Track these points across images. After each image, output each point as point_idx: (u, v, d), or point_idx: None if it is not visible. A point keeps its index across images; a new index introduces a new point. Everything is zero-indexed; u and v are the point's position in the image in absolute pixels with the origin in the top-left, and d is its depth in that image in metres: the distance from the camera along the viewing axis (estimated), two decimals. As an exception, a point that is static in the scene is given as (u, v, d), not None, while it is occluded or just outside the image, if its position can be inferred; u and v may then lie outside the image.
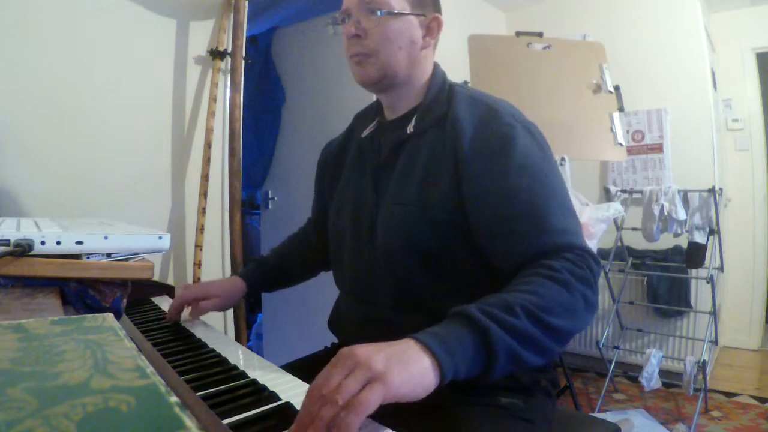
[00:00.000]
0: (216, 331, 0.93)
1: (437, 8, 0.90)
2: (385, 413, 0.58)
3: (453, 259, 0.80)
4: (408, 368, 0.50)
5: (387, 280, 0.85)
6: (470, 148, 0.78)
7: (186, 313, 0.98)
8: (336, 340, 1.02)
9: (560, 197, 0.76)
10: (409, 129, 0.87)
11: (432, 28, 0.88)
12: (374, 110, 0.99)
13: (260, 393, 0.60)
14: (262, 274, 1.09)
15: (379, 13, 0.83)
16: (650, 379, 2.24)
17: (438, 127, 0.84)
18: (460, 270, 0.80)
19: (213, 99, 1.73)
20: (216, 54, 1.75)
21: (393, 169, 0.87)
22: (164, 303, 1.12)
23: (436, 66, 0.92)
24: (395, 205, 0.84)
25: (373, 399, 0.46)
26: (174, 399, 0.31)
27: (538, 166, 0.76)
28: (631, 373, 2.77)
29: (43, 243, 0.64)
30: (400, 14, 0.84)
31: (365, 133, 0.96)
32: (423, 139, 0.85)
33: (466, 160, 0.78)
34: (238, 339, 1.78)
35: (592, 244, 1.89)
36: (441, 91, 0.88)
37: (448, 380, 0.54)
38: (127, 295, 0.73)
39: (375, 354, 0.50)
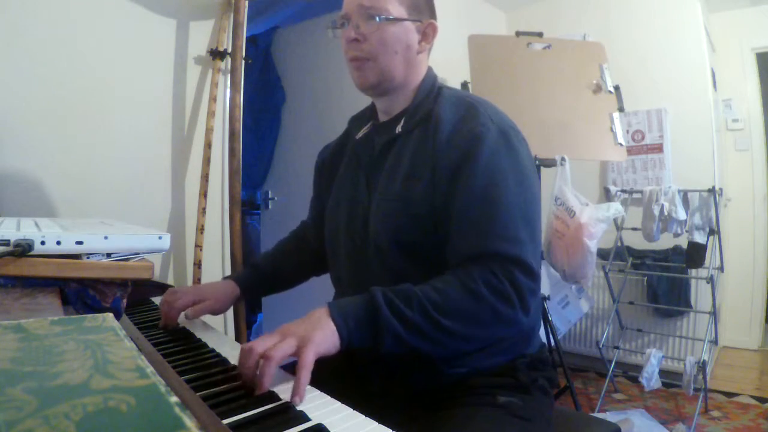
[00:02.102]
0: (216, 331, 0.93)
1: (433, 14, 0.93)
2: (387, 410, 0.59)
3: (439, 252, 0.81)
4: (323, 330, 0.67)
5: (380, 275, 0.86)
6: (445, 144, 0.81)
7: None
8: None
9: (515, 204, 0.77)
10: (398, 129, 0.90)
11: (427, 34, 0.91)
12: (368, 113, 1.02)
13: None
14: (255, 278, 1.08)
15: (377, 18, 0.85)
16: (650, 379, 2.24)
17: (423, 125, 0.86)
18: (447, 263, 0.81)
19: (213, 99, 1.73)
20: (216, 54, 1.75)
21: (383, 167, 0.90)
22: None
23: (429, 69, 0.95)
24: (382, 201, 0.86)
25: (310, 356, 0.63)
26: (174, 399, 0.31)
27: (500, 170, 0.78)
28: (631, 373, 2.77)
29: (43, 243, 0.64)
30: (398, 20, 0.87)
31: (360, 134, 0.99)
32: (410, 138, 0.88)
33: (440, 156, 0.81)
34: (238, 339, 1.78)
35: (592, 244, 1.89)
36: (430, 92, 0.91)
37: (345, 343, 0.68)
38: (127, 295, 0.73)
39: (299, 325, 0.68)
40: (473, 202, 0.77)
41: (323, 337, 0.66)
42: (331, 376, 0.77)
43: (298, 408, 0.56)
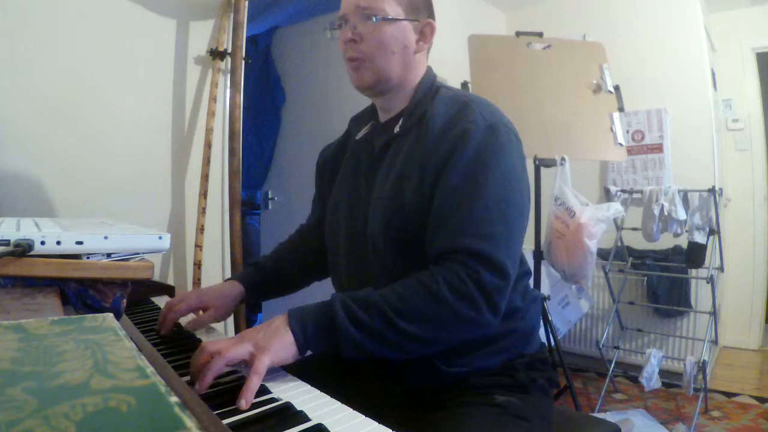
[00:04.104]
0: (216, 331, 0.93)
1: (431, 14, 0.93)
2: (386, 410, 0.59)
3: None
4: (281, 340, 0.68)
5: (380, 275, 0.85)
6: (434, 142, 0.81)
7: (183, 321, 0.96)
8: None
9: (494, 200, 0.76)
10: (396, 129, 0.90)
11: (425, 33, 0.91)
12: (369, 113, 1.02)
13: (260, 393, 0.60)
14: (259, 277, 1.06)
15: (374, 19, 0.85)
16: (650, 379, 2.24)
17: (419, 125, 0.86)
18: None
19: (213, 99, 1.73)
20: (216, 54, 1.75)
21: (381, 167, 0.90)
22: (164, 303, 1.12)
23: (428, 69, 0.95)
24: (377, 201, 0.86)
25: (264, 363, 0.63)
26: (174, 399, 0.31)
27: (481, 166, 0.77)
28: (631, 373, 2.77)
29: (43, 243, 0.64)
30: (395, 20, 0.87)
31: (360, 134, 0.99)
32: (406, 138, 0.87)
33: (429, 154, 0.81)
34: (238, 339, 1.77)
35: (592, 244, 1.89)
36: (428, 92, 0.91)
37: (304, 350, 0.70)
38: (127, 295, 0.73)
39: (257, 332, 0.68)
40: (450, 198, 0.77)
41: (280, 345, 0.67)
42: (331, 376, 0.77)
43: (298, 408, 0.56)
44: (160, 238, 0.74)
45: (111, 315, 0.50)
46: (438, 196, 0.78)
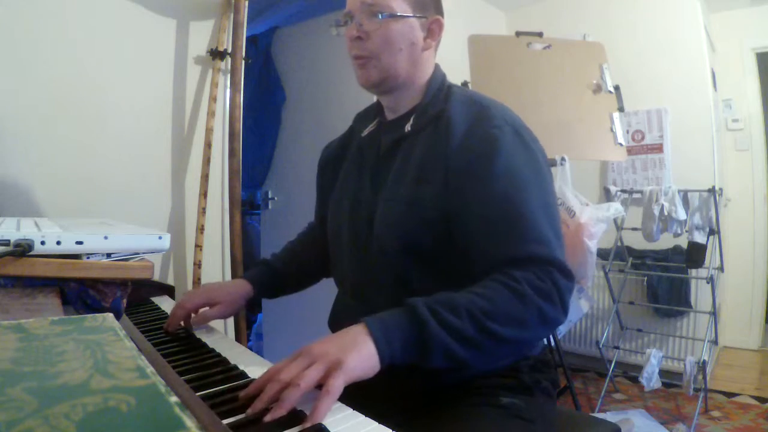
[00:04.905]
0: (216, 331, 0.93)
1: (438, 10, 0.91)
2: (387, 410, 0.59)
3: (448, 256, 0.80)
4: (360, 352, 0.60)
5: (385, 277, 0.85)
6: (458, 147, 0.79)
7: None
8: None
9: (538, 204, 0.76)
10: (407, 128, 0.88)
11: (433, 30, 0.90)
12: (374, 110, 1.00)
13: (261, 393, 0.60)
14: (269, 277, 1.05)
15: (380, 16, 0.84)
16: (650, 379, 2.24)
17: (433, 125, 0.85)
18: (456, 267, 0.80)
19: (213, 99, 1.73)
20: (216, 54, 1.75)
21: (390, 167, 0.88)
22: (164, 303, 1.12)
23: (436, 67, 0.93)
24: (390, 203, 0.84)
25: (338, 384, 0.55)
26: (174, 399, 0.31)
27: (519, 172, 0.77)
28: (631, 373, 2.77)
29: (43, 243, 0.64)
30: (402, 17, 0.85)
31: (365, 132, 0.97)
32: (419, 138, 0.86)
33: (453, 159, 0.79)
34: (238, 339, 1.78)
35: (592, 244, 1.89)
36: (439, 90, 0.89)
37: (386, 363, 0.62)
38: (127, 295, 0.73)
39: (329, 346, 0.60)
40: (497, 205, 0.75)
41: (358, 360, 0.59)
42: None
43: (298, 408, 0.56)
44: (160, 238, 0.74)
45: (111, 315, 0.50)
46: (480, 204, 0.76)
